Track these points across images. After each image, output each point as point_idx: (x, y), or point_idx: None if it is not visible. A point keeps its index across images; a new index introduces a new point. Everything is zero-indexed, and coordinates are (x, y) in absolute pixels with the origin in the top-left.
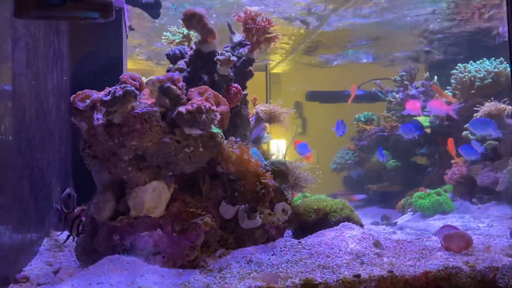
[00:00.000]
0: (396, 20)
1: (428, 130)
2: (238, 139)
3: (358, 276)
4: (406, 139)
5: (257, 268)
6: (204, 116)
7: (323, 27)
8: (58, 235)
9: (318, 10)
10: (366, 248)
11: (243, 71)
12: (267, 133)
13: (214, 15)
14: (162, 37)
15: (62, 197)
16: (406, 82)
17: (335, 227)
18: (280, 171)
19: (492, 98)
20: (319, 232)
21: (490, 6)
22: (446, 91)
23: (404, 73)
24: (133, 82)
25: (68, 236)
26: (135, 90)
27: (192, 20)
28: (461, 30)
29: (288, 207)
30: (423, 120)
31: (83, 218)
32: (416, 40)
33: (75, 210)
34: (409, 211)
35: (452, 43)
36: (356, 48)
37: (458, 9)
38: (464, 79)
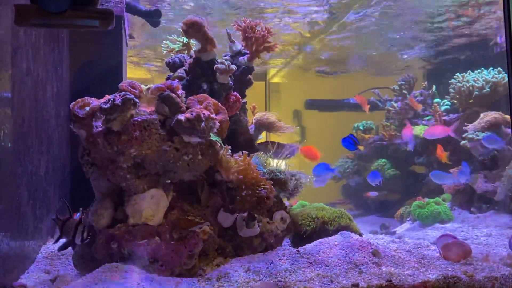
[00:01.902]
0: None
1: (361, 148)
2: None
3: (356, 285)
4: (405, 148)
5: (255, 277)
6: (203, 124)
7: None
8: (53, 243)
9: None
10: (364, 257)
11: (242, 80)
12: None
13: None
14: (162, 45)
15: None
16: (404, 91)
17: (333, 236)
18: (279, 180)
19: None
20: (317, 241)
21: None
22: (444, 100)
23: (403, 82)
24: (132, 90)
25: (68, 244)
26: (134, 98)
27: (191, 28)
28: (459, 39)
29: (286, 215)
30: (422, 129)
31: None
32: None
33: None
34: (408, 220)
35: (451, 52)
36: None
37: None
38: (462, 89)
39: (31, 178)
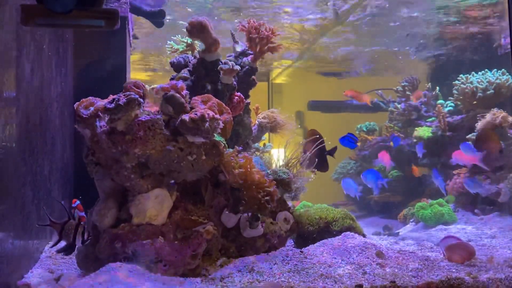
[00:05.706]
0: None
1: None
2: (241, 148)
3: (360, 286)
4: (408, 149)
5: (258, 278)
6: (207, 124)
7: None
8: (51, 247)
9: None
10: (368, 258)
11: (246, 80)
12: (269, 142)
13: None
14: (166, 46)
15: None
16: (408, 93)
17: (337, 237)
18: (282, 180)
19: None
20: (321, 241)
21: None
22: (448, 102)
23: (406, 84)
24: (137, 90)
25: (69, 246)
26: (138, 98)
27: (195, 29)
28: (463, 40)
29: (290, 216)
30: (425, 130)
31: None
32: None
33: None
34: (411, 222)
35: (455, 53)
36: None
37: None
38: (466, 90)
39: (35, 177)
